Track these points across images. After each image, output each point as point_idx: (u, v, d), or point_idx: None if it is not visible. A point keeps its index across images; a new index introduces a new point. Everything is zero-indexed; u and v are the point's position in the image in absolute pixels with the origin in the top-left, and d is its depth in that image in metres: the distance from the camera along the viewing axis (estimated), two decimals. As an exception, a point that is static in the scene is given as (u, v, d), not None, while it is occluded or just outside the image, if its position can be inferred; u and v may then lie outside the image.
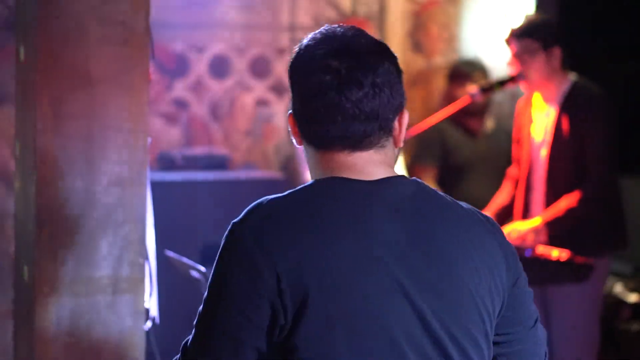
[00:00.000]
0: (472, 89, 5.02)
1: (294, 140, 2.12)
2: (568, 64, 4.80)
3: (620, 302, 5.89)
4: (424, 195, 2.04)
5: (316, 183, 2.03)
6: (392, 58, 2.09)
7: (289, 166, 5.89)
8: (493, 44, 6.44)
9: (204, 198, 4.95)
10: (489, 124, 6.02)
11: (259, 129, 6.23)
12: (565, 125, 4.66)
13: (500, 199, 5.00)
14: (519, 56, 4.71)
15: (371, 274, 1.93)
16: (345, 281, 1.91)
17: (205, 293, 2.02)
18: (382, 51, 2.08)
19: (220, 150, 5.78)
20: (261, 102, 6.27)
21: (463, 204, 2.11)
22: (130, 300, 2.93)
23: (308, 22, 6.30)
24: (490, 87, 4.94)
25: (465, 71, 6.02)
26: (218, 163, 5.32)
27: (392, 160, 2.08)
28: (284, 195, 2.04)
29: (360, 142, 2.02)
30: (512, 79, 4.85)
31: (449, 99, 5.86)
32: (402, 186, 2.02)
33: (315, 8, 6.33)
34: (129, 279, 2.94)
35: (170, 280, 3.63)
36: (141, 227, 2.99)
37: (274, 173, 5.94)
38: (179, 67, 6.09)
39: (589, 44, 6.78)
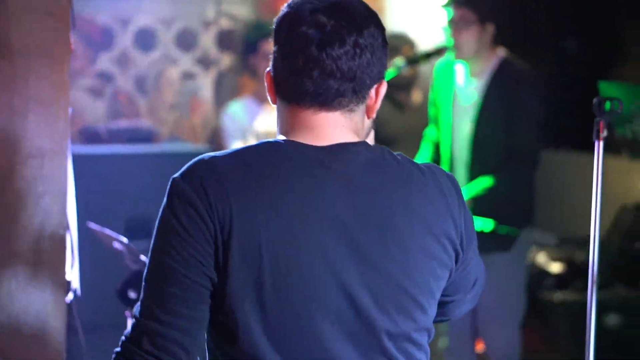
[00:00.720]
0: (398, 61, 5.03)
1: (269, 98, 2.13)
2: (500, 40, 4.82)
3: (543, 272, 5.95)
4: (378, 163, 2.05)
5: (262, 144, 2.03)
6: (381, 26, 2.07)
7: (216, 139, 5.86)
8: (420, 17, 6.46)
9: (129, 171, 4.91)
10: (417, 97, 6.04)
11: (186, 103, 6.19)
12: (492, 101, 4.68)
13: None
14: (453, 23, 4.70)
15: (308, 237, 1.95)
16: (278, 240, 1.93)
17: (151, 248, 2.00)
18: (371, 16, 2.06)
19: (145, 123, 5.73)
20: (187, 75, 6.23)
21: (424, 165, 2.11)
22: (51, 273, 2.90)
23: (235, -5, 6.28)
24: (416, 60, 4.94)
25: (392, 44, 6.02)
26: (143, 136, 5.27)
27: (358, 127, 2.08)
28: (227, 152, 2.03)
29: (330, 101, 2.03)
30: (438, 51, 4.85)
31: (376, 72, 5.87)
32: (356, 154, 2.03)
33: (242, -19, 6.31)
34: (49, 251, 2.91)
35: (93, 252, 3.60)
36: (62, 199, 2.95)
37: (200, 146, 5.91)
38: (104, 39, 6.02)
39: (523, 21, 6.83)
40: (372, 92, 2.08)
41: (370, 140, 2.18)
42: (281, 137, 2.06)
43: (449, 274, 2.11)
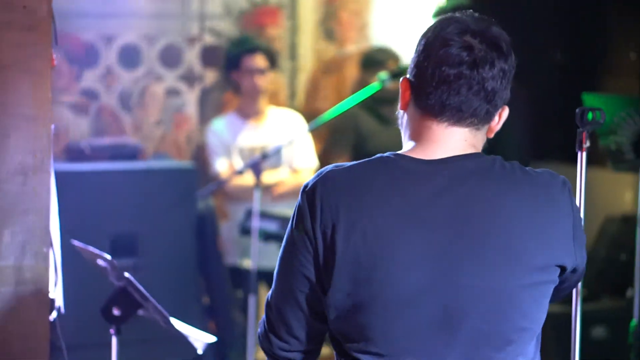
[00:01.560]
0: (383, 75, 5.03)
1: (399, 106, 2.31)
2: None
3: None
4: (484, 173, 2.23)
5: (374, 160, 2.24)
6: (514, 56, 2.29)
7: (200, 155, 5.85)
8: (405, 30, 6.47)
9: (114, 188, 4.88)
10: (401, 111, 6.03)
11: (170, 119, 6.18)
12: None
13: None
14: None
15: (407, 249, 2.14)
16: (379, 252, 2.13)
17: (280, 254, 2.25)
18: (511, 46, 2.29)
19: (130, 140, 5.71)
20: (172, 92, 6.22)
21: (537, 173, 2.28)
22: (34, 290, 2.88)
23: (219, 11, 6.26)
24: (401, 73, 4.93)
25: (378, 59, 6.03)
26: (128, 153, 5.25)
27: (479, 144, 2.29)
28: (347, 166, 2.23)
29: (465, 118, 2.23)
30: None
31: (362, 86, 5.86)
32: (462, 167, 2.21)
33: (225, -3, 6.30)
34: (33, 268, 2.89)
35: (77, 270, 3.58)
36: (45, 216, 2.94)
37: (184, 162, 5.89)
38: (88, 57, 6.01)
39: (508, 33, 6.83)
40: (497, 115, 2.30)
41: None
42: (408, 146, 2.27)
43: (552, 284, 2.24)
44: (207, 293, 5.31)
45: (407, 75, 2.28)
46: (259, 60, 5.51)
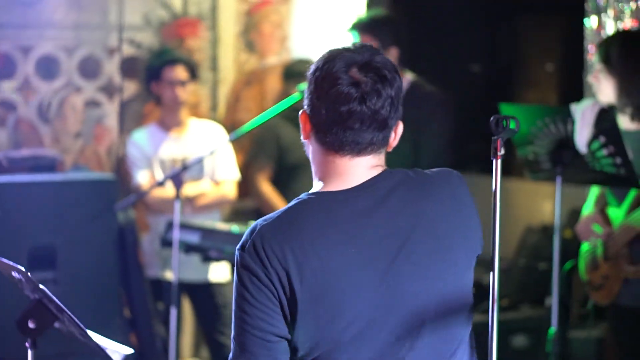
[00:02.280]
0: (303, 85, 5.04)
1: (302, 136, 2.40)
2: (409, 64, 4.86)
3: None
4: (399, 188, 2.36)
5: (301, 203, 2.32)
6: (400, 78, 2.39)
7: (121, 168, 5.80)
8: (326, 42, 6.49)
9: (32, 200, 4.82)
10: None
11: (90, 131, 6.12)
12: (402, 122, 4.71)
13: None
14: None
15: (353, 273, 2.27)
16: (330, 282, 2.26)
17: (233, 310, 2.33)
18: (395, 70, 2.38)
19: (47, 151, 5.64)
20: (91, 103, 6.16)
21: (435, 173, 2.47)
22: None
23: (138, 22, 6.23)
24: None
25: (299, 70, 6.03)
26: (46, 165, 5.17)
27: (383, 161, 2.40)
28: (273, 218, 2.31)
29: (365, 149, 2.35)
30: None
31: (283, 98, 5.86)
32: (378, 188, 2.34)
33: (145, 7, 6.25)
34: (-55, 281, 2.84)
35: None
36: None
37: (104, 174, 5.83)
38: (4, 67, 5.93)
39: (429, 45, 6.91)
40: (392, 132, 2.42)
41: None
42: (319, 185, 2.36)
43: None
44: (128, 306, 5.26)
45: (305, 109, 2.37)
46: (180, 72, 5.49)
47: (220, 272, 5.42)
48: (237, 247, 2.31)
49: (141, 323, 5.26)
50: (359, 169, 2.36)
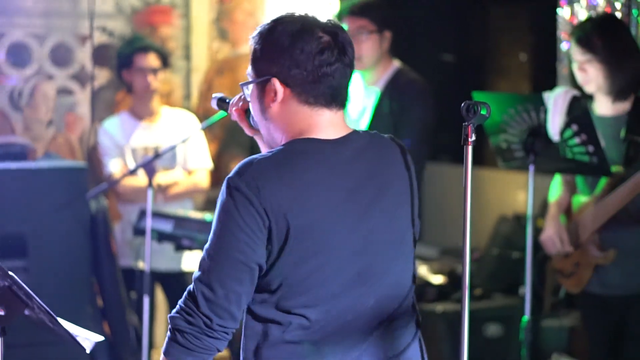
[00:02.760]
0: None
1: (259, 108, 2.56)
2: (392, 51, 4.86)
3: (425, 284, 6.00)
4: (368, 145, 2.59)
5: (292, 145, 2.49)
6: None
7: (94, 156, 5.76)
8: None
9: (1, 188, 4.79)
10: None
11: (62, 119, 6.08)
12: (383, 108, 4.71)
13: None
14: (352, 35, 4.69)
15: (336, 215, 2.48)
16: (318, 221, 2.45)
17: (212, 231, 2.46)
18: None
19: (18, 139, 5.60)
20: (63, 91, 6.12)
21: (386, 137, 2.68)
22: None
23: (110, 10, 6.19)
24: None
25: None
26: (17, 153, 5.14)
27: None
28: (268, 156, 2.46)
29: (339, 102, 2.55)
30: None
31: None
32: (355, 141, 2.56)
33: (117, -5, 6.23)
34: None
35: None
36: None
37: (75, 162, 5.79)
38: (-25, 55, 5.90)
39: (401, 34, 6.90)
40: None
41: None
42: (298, 134, 2.51)
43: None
44: (101, 295, 5.24)
45: (274, 77, 2.50)
46: (151, 60, 5.46)
47: (193, 261, 5.40)
48: (231, 175, 2.43)
49: (114, 312, 5.24)
50: (340, 123, 2.56)
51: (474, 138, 2.62)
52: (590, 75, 4.27)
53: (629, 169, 4.15)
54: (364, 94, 4.82)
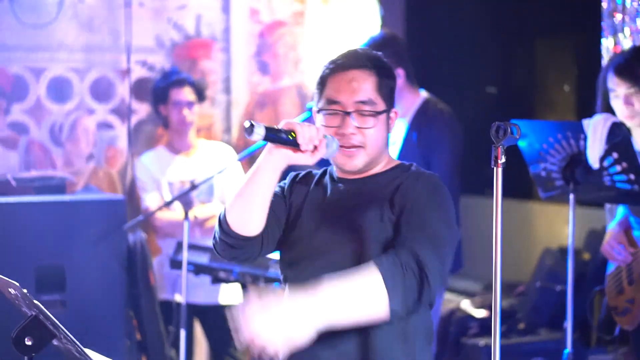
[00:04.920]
0: (310, 104, 4.98)
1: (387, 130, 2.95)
2: (424, 83, 4.82)
3: (468, 318, 5.92)
4: None
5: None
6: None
7: (132, 190, 5.76)
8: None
9: (39, 220, 4.78)
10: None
11: (102, 153, 6.09)
12: (413, 140, 4.67)
13: None
14: None
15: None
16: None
17: (445, 218, 2.87)
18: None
19: (56, 173, 5.62)
20: (103, 125, 6.14)
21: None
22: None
23: (150, 44, 6.20)
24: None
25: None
26: (54, 186, 5.15)
27: None
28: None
29: None
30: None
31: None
32: None
33: (157, 29, 6.23)
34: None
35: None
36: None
37: (112, 195, 5.79)
38: (16, 89, 5.92)
39: (445, 65, 6.87)
40: None
41: None
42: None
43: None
44: (139, 328, 5.21)
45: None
46: (187, 93, 5.46)
47: (231, 295, 5.35)
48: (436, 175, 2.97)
49: (152, 346, 5.21)
50: None
51: (503, 160, 2.57)
52: (636, 108, 4.17)
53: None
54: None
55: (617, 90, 4.20)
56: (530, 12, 6.55)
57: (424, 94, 4.83)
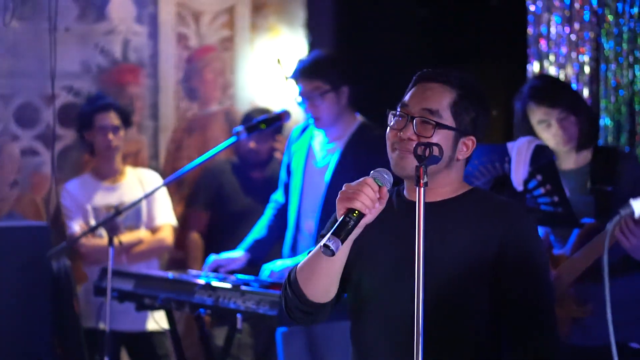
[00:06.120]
0: (238, 128, 4.96)
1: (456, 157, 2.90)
2: (356, 105, 4.82)
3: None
4: None
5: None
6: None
7: (57, 217, 5.68)
8: (269, 89, 6.45)
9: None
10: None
11: (27, 180, 6.00)
12: (346, 164, 4.66)
13: (257, 233, 4.99)
14: (308, 97, 4.68)
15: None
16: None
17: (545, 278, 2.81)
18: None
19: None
20: (28, 152, 6.04)
21: None
22: None
23: (76, 69, 6.13)
24: (256, 126, 4.89)
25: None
26: (-23, 213, 5.07)
27: None
28: None
29: None
30: (278, 117, 4.83)
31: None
32: None
33: (83, 54, 6.16)
34: None
35: None
36: None
37: (35, 222, 5.70)
38: (-62, 115, 5.83)
39: (375, 88, 6.88)
40: None
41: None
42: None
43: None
44: (63, 357, 5.13)
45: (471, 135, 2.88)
46: (112, 118, 5.41)
47: (158, 321, 5.28)
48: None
49: (76, 375, 5.12)
50: None
51: (426, 180, 2.57)
52: (571, 131, 4.24)
53: (602, 220, 4.09)
54: (326, 151, 4.77)
55: (548, 118, 4.26)
56: (459, 37, 6.59)
57: (359, 118, 4.83)
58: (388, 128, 2.86)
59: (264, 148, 5.83)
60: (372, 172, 2.72)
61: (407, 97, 2.88)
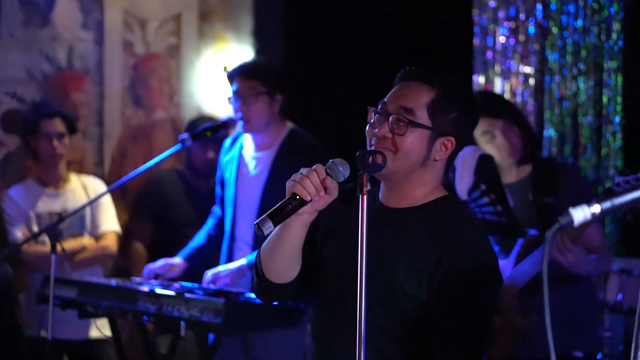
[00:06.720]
0: (183, 135, 4.94)
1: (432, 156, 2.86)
2: (290, 112, 4.81)
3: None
4: None
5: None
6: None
7: (1, 224, 5.61)
8: (215, 97, 6.42)
9: None
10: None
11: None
12: (279, 172, 4.64)
13: (197, 241, 4.98)
14: (242, 96, 4.64)
15: None
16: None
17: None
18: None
19: None
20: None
21: None
22: None
23: (21, 75, 6.07)
24: (201, 133, 4.87)
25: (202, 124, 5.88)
26: None
27: None
28: None
29: None
30: (223, 125, 4.81)
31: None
32: None
33: (28, 61, 6.10)
34: None
35: None
36: None
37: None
38: None
39: (324, 100, 6.89)
40: None
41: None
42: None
43: None
44: (5, 368, 5.06)
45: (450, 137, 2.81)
46: (57, 125, 5.37)
47: (101, 329, 5.23)
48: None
49: (19, 385, 5.05)
50: None
51: (369, 187, 2.57)
52: (514, 142, 4.27)
53: (545, 232, 4.11)
54: (257, 159, 4.75)
55: (492, 129, 4.29)
56: (406, 49, 6.62)
57: (289, 124, 4.81)
58: (368, 125, 2.85)
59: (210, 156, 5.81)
60: (330, 161, 2.71)
61: (388, 95, 2.87)
